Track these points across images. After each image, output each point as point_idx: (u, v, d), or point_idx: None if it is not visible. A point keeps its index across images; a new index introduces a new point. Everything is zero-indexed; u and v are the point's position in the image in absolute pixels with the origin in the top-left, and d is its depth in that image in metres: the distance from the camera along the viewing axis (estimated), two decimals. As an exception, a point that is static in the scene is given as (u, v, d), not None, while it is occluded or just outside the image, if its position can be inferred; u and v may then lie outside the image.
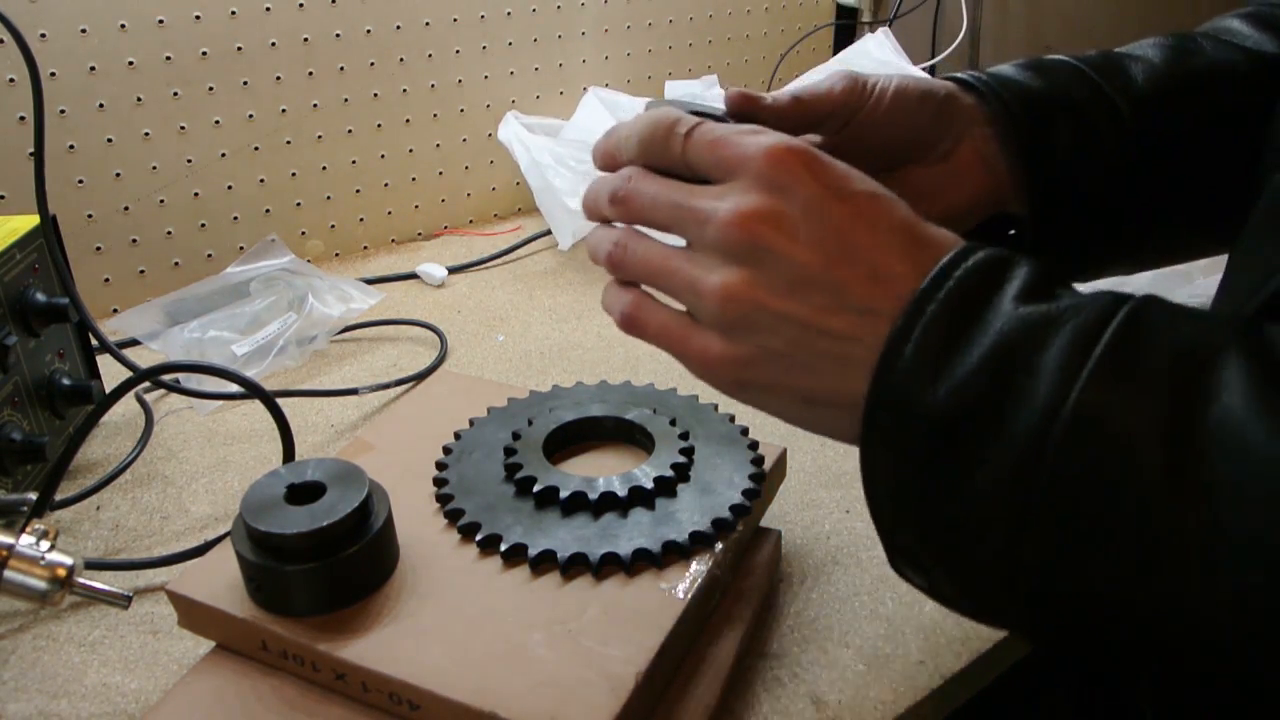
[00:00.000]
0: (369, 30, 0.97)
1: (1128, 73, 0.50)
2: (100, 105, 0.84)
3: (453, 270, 0.98)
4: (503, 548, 0.48)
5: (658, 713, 0.44)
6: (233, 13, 0.88)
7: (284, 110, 0.94)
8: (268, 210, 0.97)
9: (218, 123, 0.91)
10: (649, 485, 0.49)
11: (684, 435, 0.53)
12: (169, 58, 0.86)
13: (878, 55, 1.02)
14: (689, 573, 0.46)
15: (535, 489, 0.50)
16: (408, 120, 1.02)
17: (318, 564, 0.43)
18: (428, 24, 1.00)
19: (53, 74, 0.81)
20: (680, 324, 0.37)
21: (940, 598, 0.35)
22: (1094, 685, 0.59)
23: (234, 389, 0.65)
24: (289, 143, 0.96)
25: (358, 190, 1.02)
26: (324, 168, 0.99)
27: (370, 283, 0.92)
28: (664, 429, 0.54)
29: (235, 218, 0.95)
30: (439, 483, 0.52)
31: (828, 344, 0.33)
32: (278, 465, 0.49)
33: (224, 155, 0.92)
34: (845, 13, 1.36)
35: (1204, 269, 0.77)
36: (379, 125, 1.01)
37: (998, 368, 0.29)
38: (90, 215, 0.87)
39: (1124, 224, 0.51)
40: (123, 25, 0.83)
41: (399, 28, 0.98)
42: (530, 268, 1.00)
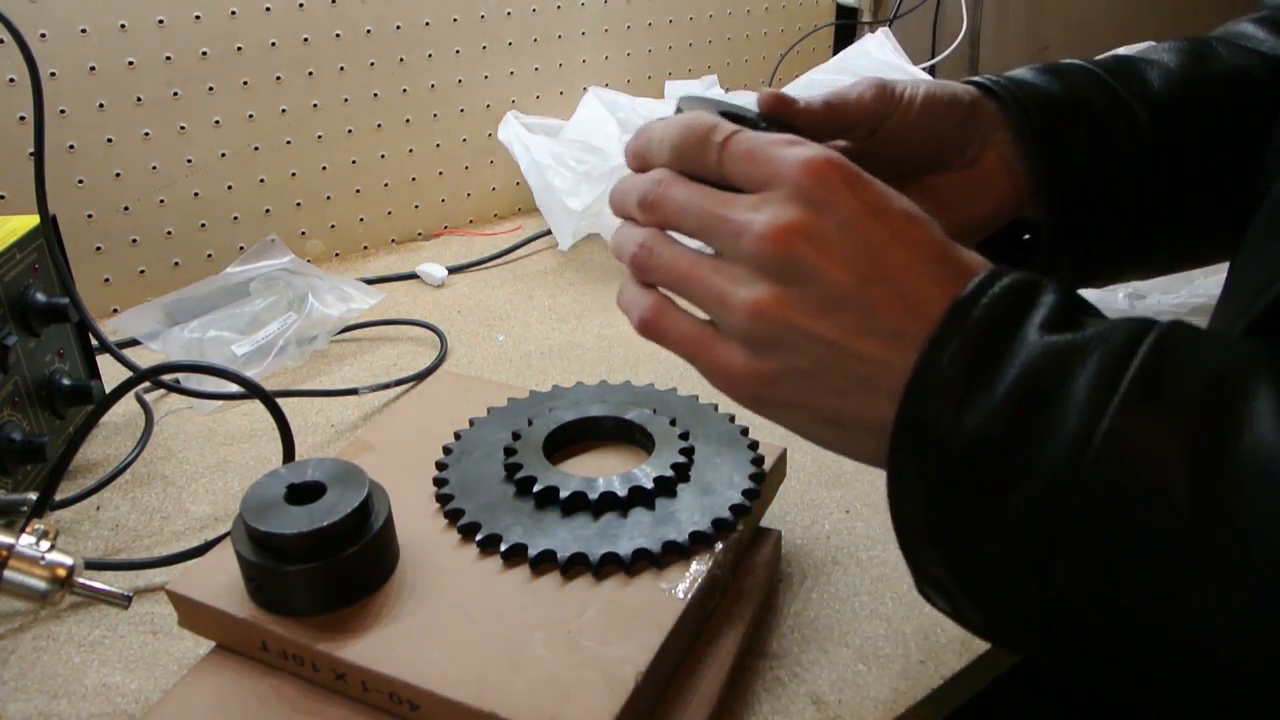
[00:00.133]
0: (369, 30, 0.97)
1: (1143, 77, 0.50)
2: (100, 105, 0.84)
3: (453, 270, 0.98)
4: (503, 548, 0.48)
5: (658, 713, 0.44)
6: (233, 13, 0.88)
7: (284, 110, 0.94)
8: (268, 210, 0.97)
9: (218, 123, 0.91)
10: (649, 485, 0.49)
11: (684, 435, 0.53)
12: (169, 58, 0.86)
13: (878, 55, 1.02)
14: (689, 573, 0.46)
15: (535, 489, 0.50)
16: (408, 120, 1.02)
17: (318, 564, 0.43)
18: (428, 24, 1.00)
19: (53, 74, 0.81)
20: (703, 333, 0.36)
21: (966, 623, 0.35)
22: (1093, 686, 0.59)
23: (234, 389, 0.65)
24: (289, 143, 0.96)
25: (358, 190, 1.02)
26: (324, 168, 0.99)
27: (370, 283, 0.92)
28: (664, 429, 0.54)
29: (235, 218, 0.95)
30: (439, 483, 0.52)
31: (855, 366, 0.32)
32: (278, 465, 0.49)
33: (224, 155, 0.92)
34: (845, 13, 1.36)
35: (1205, 270, 0.77)
36: (379, 125, 1.01)
37: (1026, 398, 0.29)
38: (90, 215, 0.87)
39: (1139, 229, 0.50)
40: (123, 25, 0.83)
41: (399, 28, 0.98)
42: (530, 268, 1.00)
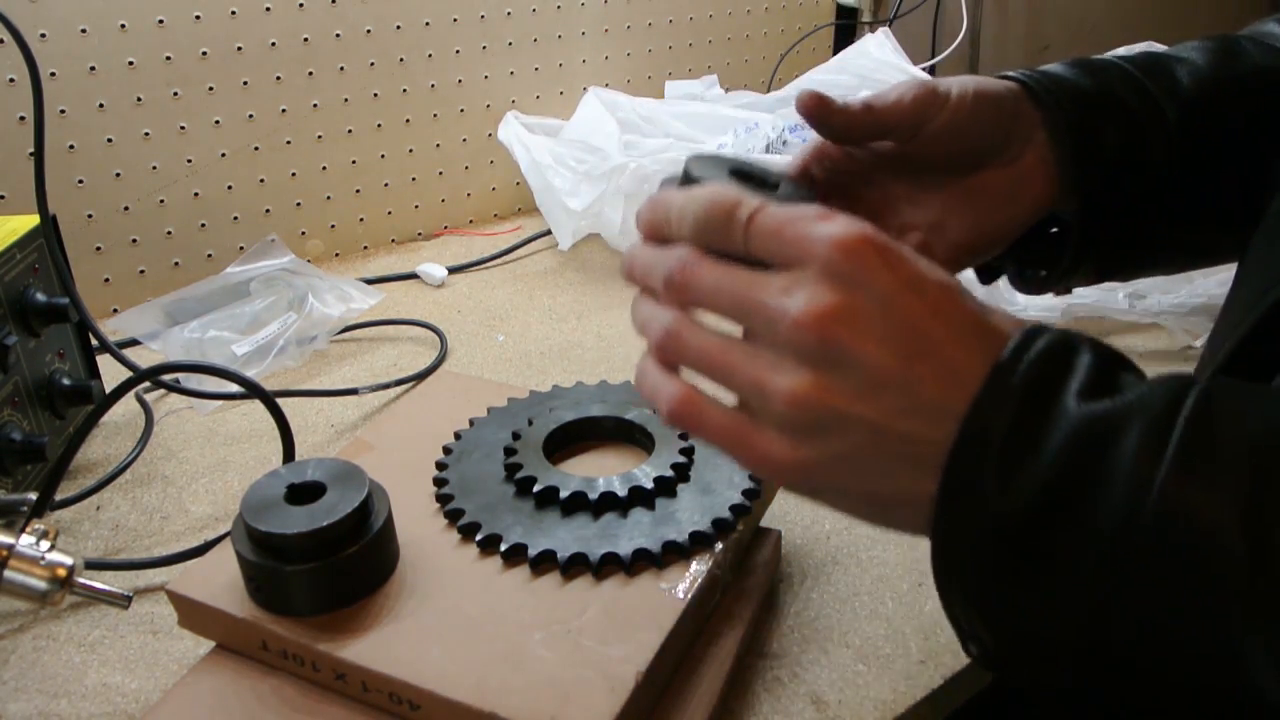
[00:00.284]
0: (369, 30, 0.97)
1: (1173, 75, 0.50)
2: (100, 105, 0.84)
3: (453, 270, 0.98)
4: (503, 548, 0.48)
5: (658, 712, 0.44)
6: (233, 13, 0.88)
7: (284, 110, 0.94)
8: (268, 210, 0.97)
9: (218, 123, 0.91)
10: (649, 485, 0.49)
11: (684, 435, 0.53)
12: (169, 58, 0.86)
13: (878, 55, 1.02)
14: (689, 573, 0.46)
15: (535, 489, 0.50)
16: (408, 120, 1.02)
17: (318, 564, 0.43)
18: (428, 24, 1.00)
19: (53, 74, 0.81)
20: (741, 424, 0.34)
21: (1011, 680, 0.34)
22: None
23: (234, 389, 0.65)
24: (289, 143, 0.96)
25: (358, 190, 1.02)
26: (324, 168, 0.99)
27: (370, 283, 0.92)
28: (664, 429, 0.54)
29: (235, 218, 0.95)
30: (439, 483, 0.52)
31: (900, 446, 0.32)
32: (278, 465, 0.49)
33: (224, 155, 0.92)
34: (845, 13, 1.35)
35: (1205, 270, 0.77)
36: (379, 125, 1.01)
37: (1070, 470, 0.29)
38: (90, 215, 0.87)
39: (1167, 225, 0.51)
40: (123, 25, 0.83)
41: (399, 28, 0.98)
42: (530, 268, 1.00)
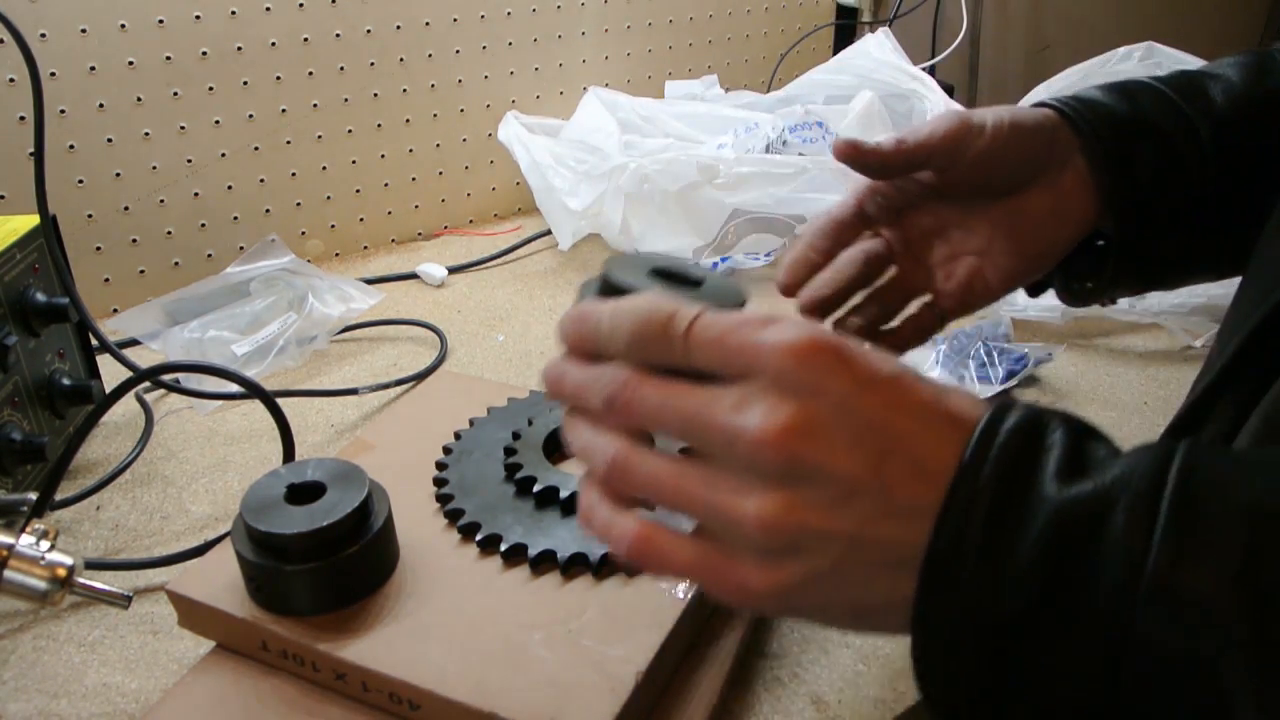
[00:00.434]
0: (369, 30, 0.96)
1: (1207, 93, 0.51)
2: (100, 105, 0.84)
3: (453, 270, 0.98)
4: (503, 548, 0.48)
5: (658, 712, 0.44)
6: (233, 13, 0.88)
7: (284, 110, 0.94)
8: (268, 210, 0.97)
9: (218, 123, 0.91)
10: (649, 485, 0.49)
11: (684, 435, 0.53)
12: (169, 58, 0.86)
13: (878, 55, 1.02)
14: (689, 573, 0.46)
15: (535, 489, 0.50)
16: (408, 120, 1.02)
17: (318, 564, 0.43)
18: (428, 24, 1.00)
19: (53, 74, 0.81)
20: (710, 556, 0.32)
21: None
22: None
23: (234, 389, 0.65)
24: (289, 143, 0.96)
25: (358, 190, 1.02)
26: (324, 168, 0.99)
27: (370, 283, 0.92)
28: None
29: (235, 218, 0.95)
30: (439, 483, 0.52)
31: (877, 553, 0.30)
32: (278, 465, 0.49)
33: (224, 155, 0.92)
34: (845, 13, 1.35)
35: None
36: (379, 125, 1.01)
37: (1053, 561, 0.28)
38: (90, 215, 0.87)
39: (1204, 240, 0.51)
40: (123, 25, 0.83)
41: (399, 28, 0.98)
42: (530, 268, 1.00)
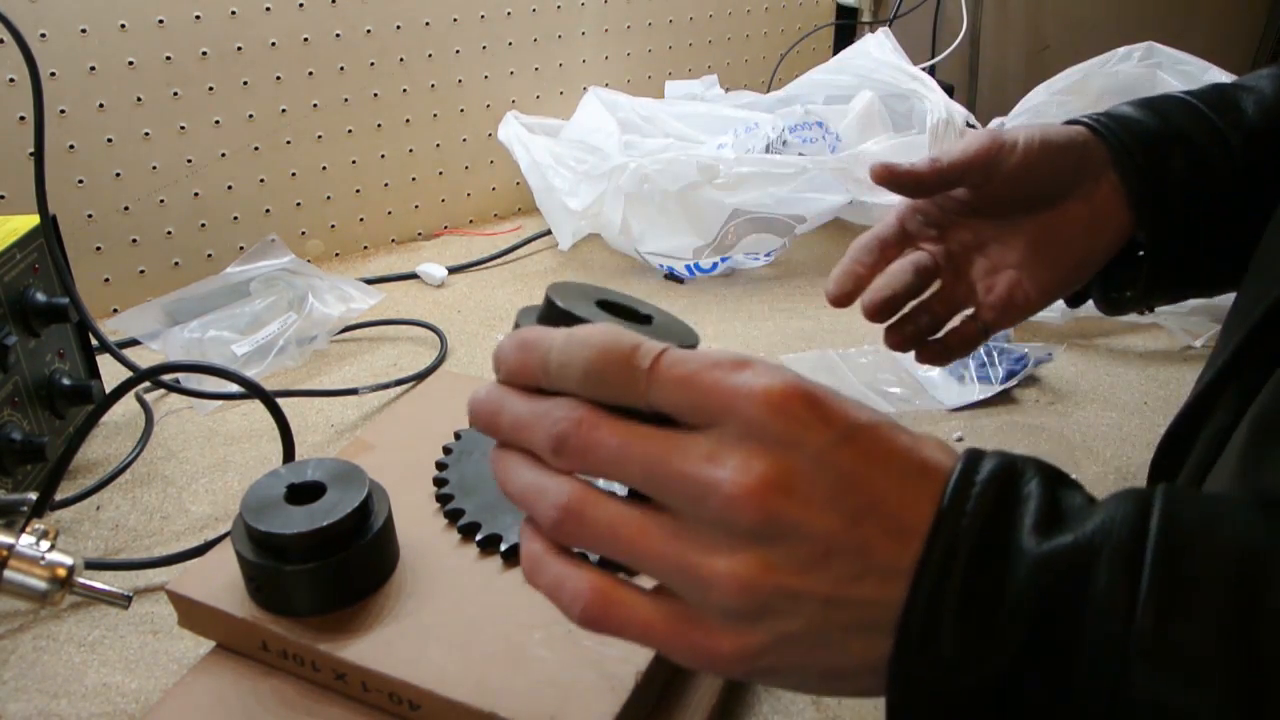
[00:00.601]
0: (369, 30, 0.96)
1: (1239, 105, 0.52)
2: (100, 105, 0.84)
3: (453, 270, 0.98)
4: (503, 548, 0.48)
5: (657, 713, 0.44)
6: (233, 13, 0.88)
7: (284, 110, 0.94)
8: (268, 210, 0.97)
9: (218, 123, 0.91)
10: (649, 485, 0.49)
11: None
12: (169, 58, 0.86)
13: (878, 55, 1.02)
14: (689, 573, 0.46)
15: (535, 489, 0.50)
16: (408, 120, 1.02)
17: (318, 564, 0.43)
18: (428, 24, 1.00)
19: (53, 74, 0.81)
20: (673, 618, 0.29)
21: None
22: None
23: (234, 389, 0.65)
24: (289, 143, 0.96)
25: (358, 190, 1.02)
26: (324, 168, 0.99)
27: (370, 283, 0.92)
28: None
29: (235, 218, 0.95)
30: (439, 483, 0.52)
31: (852, 614, 0.28)
32: (278, 465, 0.49)
33: (224, 155, 0.92)
34: (845, 13, 1.35)
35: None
36: (379, 125, 1.01)
37: (1036, 618, 0.26)
38: (90, 215, 0.87)
39: (1237, 249, 0.52)
40: (123, 25, 0.83)
41: (399, 28, 0.98)
42: (530, 268, 1.00)
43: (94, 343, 0.70)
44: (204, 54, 0.88)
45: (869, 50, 1.04)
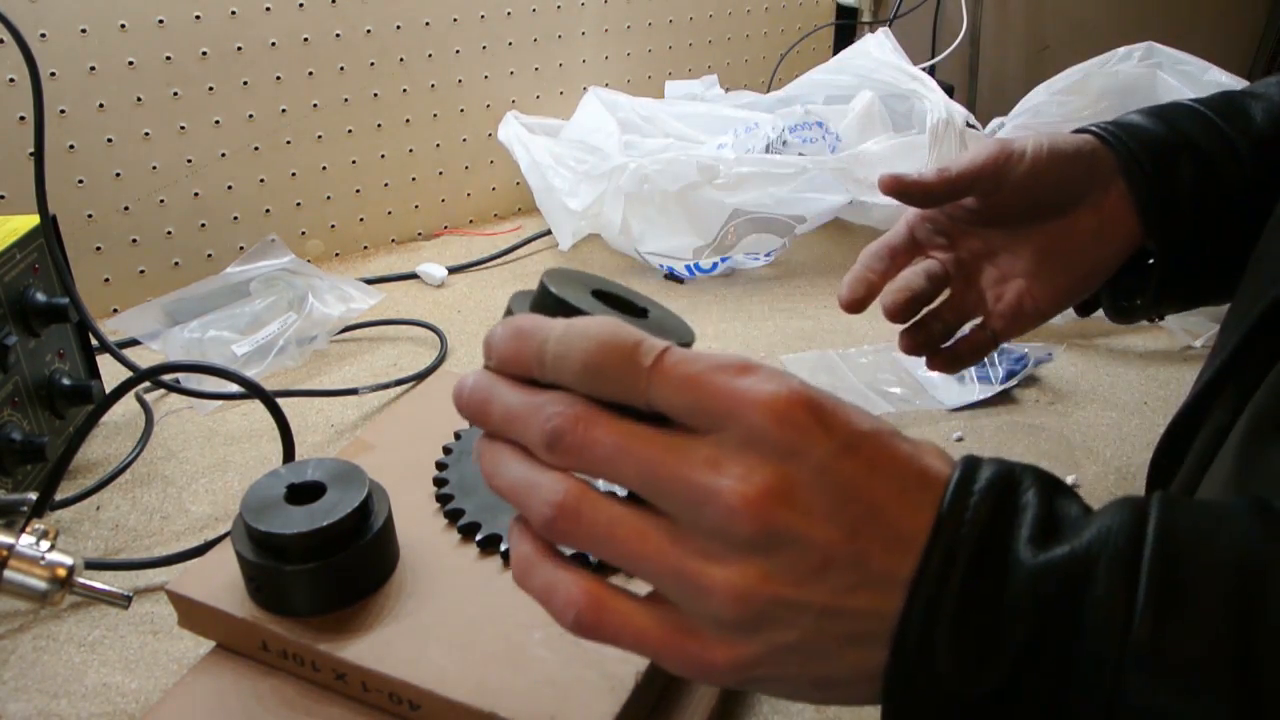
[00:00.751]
0: (369, 30, 0.96)
1: (1247, 112, 0.52)
2: (100, 105, 0.84)
3: (453, 270, 0.98)
4: (503, 548, 0.48)
5: (657, 713, 0.44)
6: (233, 13, 0.88)
7: (284, 110, 0.94)
8: (268, 210, 0.97)
9: (218, 123, 0.91)
10: (649, 485, 0.49)
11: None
12: (169, 58, 0.86)
13: (878, 55, 1.02)
14: (689, 573, 0.46)
15: (535, 489, 0.50)
16: (408, 120, 1.02)
17: (318, 564, 0.43)
18: (428, 24, 1.00)
19: (53, 74, 0.81)
20: (667, 627, 0.29)
21: None
22: None
23: (234, 389, 0.65)
24: (289, 143, 0.96)
25: (358, 190, 1.02)
26: (324, 168, 0.99)
27: (370, 283, 0.92)
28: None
29: (235, 218, 0.95)
30: (439, 483, 0.52)
31: (848, 625, 0.28)
32: (278, 465, 0.49)
33: (224, 155, 0.92)
34: (845, 13, 1.35)
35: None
36: (379, 125, 1.01)
37: (1034, 630, 0.26)
38: (90, 215, 0.87)
39: (1248, 258, 0.52)
40: (123, 25, 0.83)
41: (399, 28, 0.98)
42: (530, 268, 1.00)
43: (94, 343, 0.70)
44: (204, 54, 0.88)
45: (869, 50, 1.04)
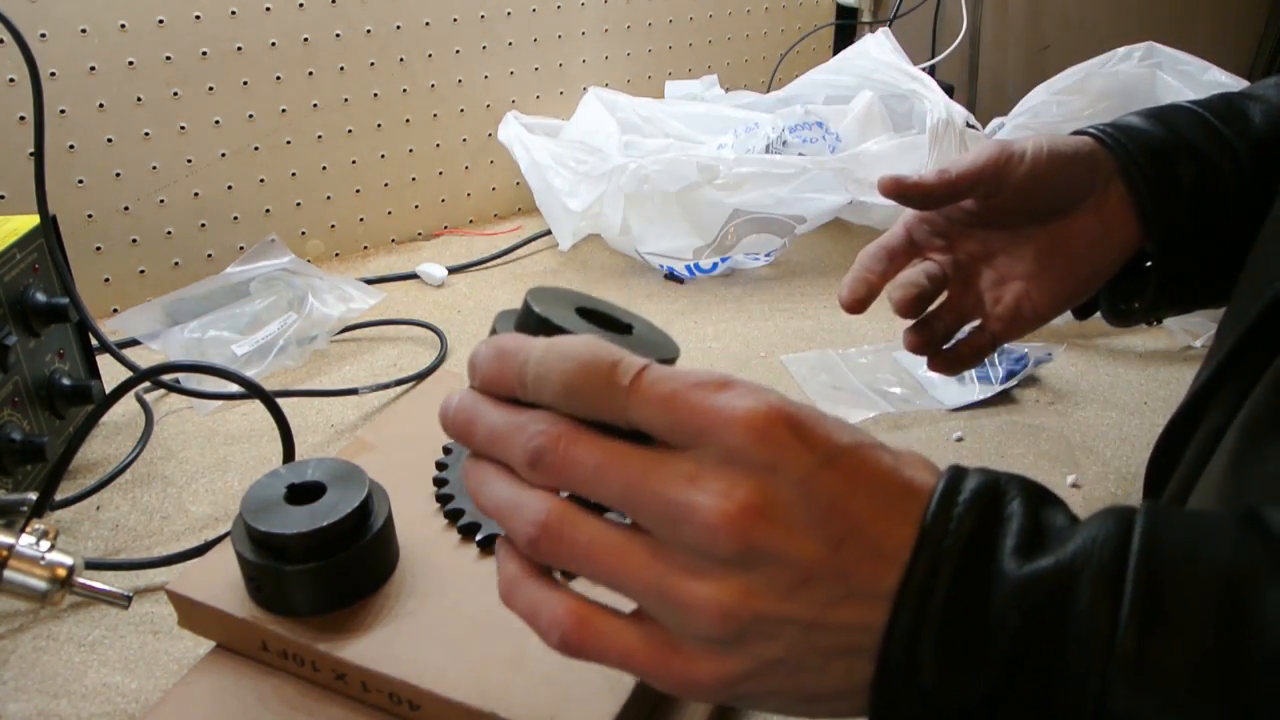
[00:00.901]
0: (369, 30, 0.96)
1: (1246, 114, 0.52)
2: (100, 105, 0.84)
3: (453, 270, 0.98)
4: (503, 548, 0.48)
5: (658, 713, 0.44)
6: (233, 13, 0.88)
7: (284, 110, 0.94)
8: (268, 210, 0.97)
9: (218, 123, 0.91)
10: (649, 485, 0.49)
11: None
12: (169, 58, 0.86)
13: (878, 55, 1.02)
14: (689, 573, 0.46)
15: (535, 489, 0.50)
16: (408, 120, 1.02)
17: (318, 564, 0.43)
18: (428, 24, 1.00)
19: (53, 74, 0.81)
20: (653, 644, 0.29)
21: None
22: None
23: (234, 389, 0.65)
24: (289, 143, 0.96)
25: (358, 190, 1.02)
26: (324, 168, 0.99)
27: (370, 283, 0.92)
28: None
29: (235, 218, 0.95)
30: (439, 483, 0.52)
31: (833, 639, 0.28)
32: (278, 465, 0.49)
33: (224, 155, 0.92)
34: (845, 13, 1.35)
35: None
36: (379, 125, 1.01)
37: (1019, 642, 0.26)
38: (90, 215, 0.87)
39: (1247, 259, 0.52)
40: (123, 25, 0.83)
41: (399, 28, 0.98)
42: (530, 268, 1.00)
43: (94, 343, 0.70)
44: (204, 54, 0.88)
45: (869, 50, 1.04)
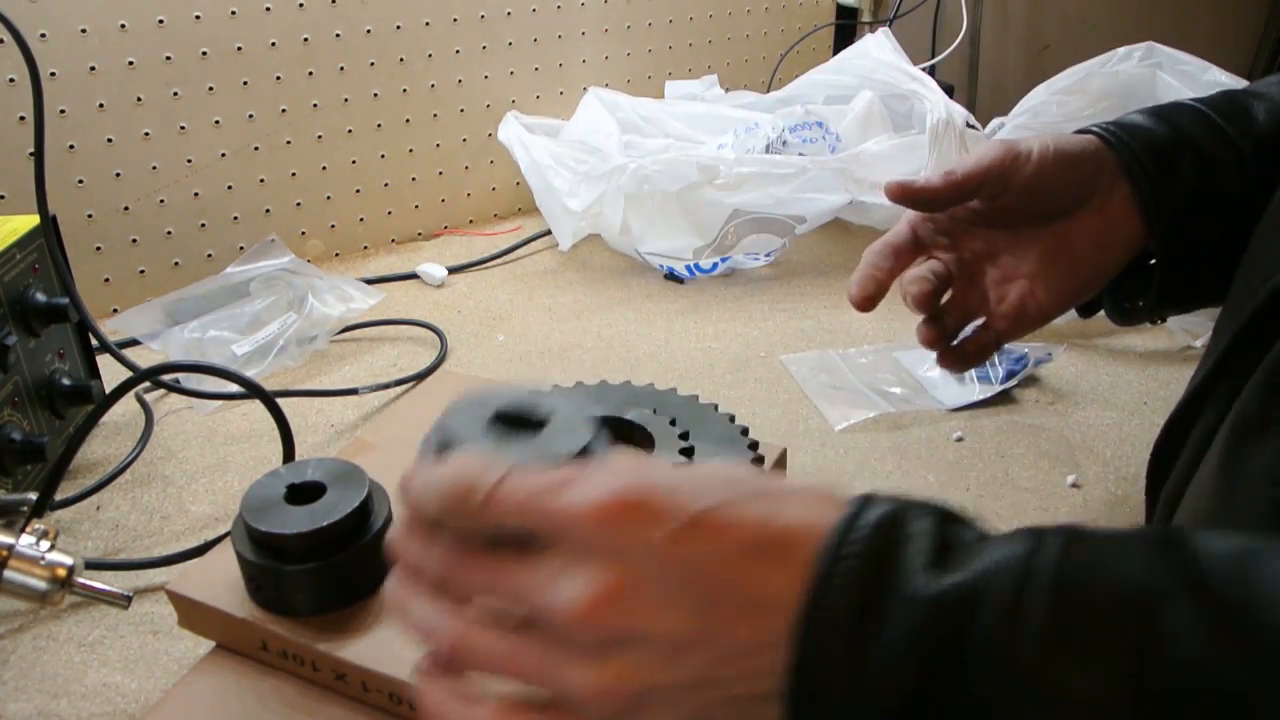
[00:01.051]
0: (369, 30, 0.96)
1: (1249, 112, 0.52)
2: (100, 105, 0.84)
3: (453, 270, 0.98)
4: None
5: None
6: (233, 13, 0.88)
7: (284, 110, 0.94)
8: (268, 210, 0.97)
9: (218, 123, 0.91)
10: (649, 485, 0.49)
11: (684, 435, 0.53)
12: (169, 58, 0.86)
13: (878, 55, 1.02)
14: (689, 573, 0.46)
15: (535, 489, 0.50)
16: (408, 120, 1.02)
17: (318, 564, 0.43)
18: (428, 24, 1.00)
19: (53, 74, 0.81)
20: None
21: None
22: None
23: (234, 389, 0.65)
24: (289, 143, 0.96)
25: (358, 190, 1.02)
26: (324, 168, 0.99)
27: (370, 283, 0.92)
28: (664, 429, 0.54)
29: (235, 218, 0.95)
30: (439, 483, 0.52)
31: (728, 691, 0.29)
32: (278, 465, 0.49)
33: (224, 155, 0.92)
34: (845, 13, 1.35)
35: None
36: (379, 125, 1.01)
37: (924, 662, 0.26)
38: (90, 215, 0.87)
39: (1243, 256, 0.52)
40: (123, 25, 0.83)
41: (399, 28, 0.98)
42: (530, 268, 1.00)
43: (94, 343, 0.70)
44: (204, 54, 0.88)
45: (869, 50, 1.04)
